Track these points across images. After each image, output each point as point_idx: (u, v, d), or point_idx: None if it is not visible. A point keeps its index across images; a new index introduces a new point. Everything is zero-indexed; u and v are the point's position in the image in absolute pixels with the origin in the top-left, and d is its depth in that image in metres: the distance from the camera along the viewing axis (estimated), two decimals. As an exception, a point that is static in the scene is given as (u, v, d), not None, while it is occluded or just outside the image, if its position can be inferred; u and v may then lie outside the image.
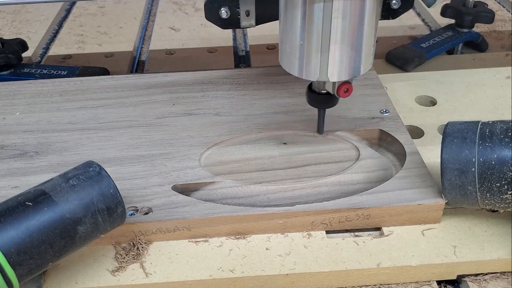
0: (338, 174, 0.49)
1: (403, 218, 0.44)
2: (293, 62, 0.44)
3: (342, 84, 0.45)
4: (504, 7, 0.90)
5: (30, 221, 0.36)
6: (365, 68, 0.44)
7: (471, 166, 0.40)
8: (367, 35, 0.43)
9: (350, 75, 0.44)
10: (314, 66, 0.43)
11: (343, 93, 0.45)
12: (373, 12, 0.42)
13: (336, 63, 0.43)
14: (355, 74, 0.44)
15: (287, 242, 0.44)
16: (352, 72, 0.44)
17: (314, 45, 0.42)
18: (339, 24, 0.41)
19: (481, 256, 0.42)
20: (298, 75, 0.44)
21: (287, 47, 0.44)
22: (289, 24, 0.43)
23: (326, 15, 0.41)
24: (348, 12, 0.41)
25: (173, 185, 0.47)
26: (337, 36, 0.41)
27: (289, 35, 0.43)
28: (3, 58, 0.68)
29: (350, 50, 0.42)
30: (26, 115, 0.58)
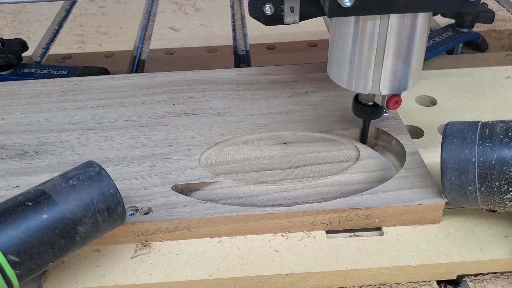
0: (338, 174, 0.49)
1: (403, 218, 0.44)
2: (343, 74, 0.45)
3: (392, 96, 0.46)
4: (504, 7, 0.90)
5: (30, 221, 0.36)
6: (414, 82, 0.46)
7: (471, 166, 0.40)
8: (418, 50, 0.44)
9: (401, 89, 0.45)
10: (367, 79, 0.44)
11: (393, 105, 0.47)
12: (424, 28, 0.43)
13: (389, 77, 0.44)
14: (405, 88, 0.46)
15: (287, 242, 0.44)
16: (403, 85, 0.45)
17: (367, 60, 0.43)
18: (393, 40, 0.42)
19: (481, 256, 0.42)
20: (347, 87, 0.46)
21: (338, 59, 0.45)
22: (341, 38, 0.44)
23: (381, 31, 0.42)
24: (403, 28, 0.42)
25: (173, 185, 0.47)
26: (391, 51, 0.43)
27: (341, 48, 0.44)
28: (3, 58, 0.68)
29: (402, 64, 0.44)
30: (26, 115, 0.58)
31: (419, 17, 0.42)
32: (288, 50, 0.78)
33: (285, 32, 0.83)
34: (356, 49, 0.43)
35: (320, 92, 0.60)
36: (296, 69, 0.65)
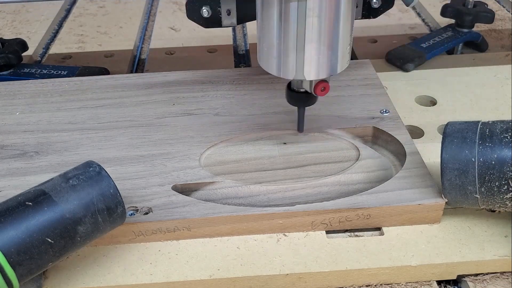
0: (338, 174, 0.49)
1: (403, 218, 0.44)
2: (270, 61, 0.44)
3: (319, 82, 0.45)
4: (504, 7, 0.90)
5: (30, 221, 0.36)
6: (341, 67, 0.45)
7: (471, 166, 0.40)
8: (343, 34, 0.43)
9: (326, 74, 0.44)
10: (291, 65, 0.43)
11: (320, 91, 0.46)
12: (348, 12, 0.42)
13: (312, 62, 0.43)
14: (331, 73, 0.44)
15: (287, 242, 0.44)
16: (329, 70, 0.44)
17: (290, 44, 0.42)
18: (314, 23, 0.41)
19: (481, 256, 0.42)
20: (276, 74, 0.45)
21: (264, 46, 0.44)
22: (266, 23, 0.43)
23: (300, 14, 0.41)
24: (323, 11, 0.41)
25: (173, 185, 0.47)
26: (313, 35, 0.42)
27: (266, 34, 0.44)
28: (3, 58, 0.68)
29: (325, 49, 0.43)
30: (26, 115, 0.58)
31: (335, 2, 0.41)
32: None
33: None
34: (281, 34, 0.42)
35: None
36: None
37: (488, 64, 0.69)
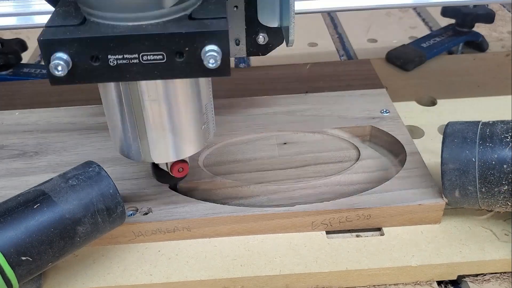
0: (339, 174, 0.49)
1: (403, 218, 0.44)
2: (117, 143, 0.41)
3: (175, 163, 0.42)
4: (504, 7, 0.90)
5: (30, 221, 0.36)
6: (194, 149, 0.41)
7: (471, 166, 0.40)
8: (189, 117, 0.39)
9: (176, 157, 0.41)
10: (137, 149, 0.40)
11: (177, 172, 0.43)
12: (193, 93, 0.39)
13: (157, 147, 0.40)
14: (181, 156, 0.41)
15: (287, 242, 0.44)
16: (178, 154, 0.41)
17: (132, 129, 0.39)
18: (151, 108, 0.38)
19: (481, 256, 0.42)
20: (126, 156, 0.42)
21: (110, 127, 0.41)
22: (106, 106, 0.40)
23: (135, 98, 0.38)
24: (159, 95, 0.37)
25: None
26: (152, 120, 0.38)
27: (109, 116, 0.40)
28: (2, 58, 0.68)
29: (170, 134, 0.39)
30: (25, 115, 0.57)
31: (172, 83, 0.37)
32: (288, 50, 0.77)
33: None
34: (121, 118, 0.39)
35: (320, 92, 0.60)
36: (296, 69, 0.65)
37: (488, 64, 0.69)
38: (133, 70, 0.34)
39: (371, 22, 0.86)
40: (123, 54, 0.34)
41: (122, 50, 0.33)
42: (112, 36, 0.33)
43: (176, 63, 0.34)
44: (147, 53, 0.34)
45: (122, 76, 0.35)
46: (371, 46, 0.79)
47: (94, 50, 0.33)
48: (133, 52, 0.34)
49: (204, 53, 0.33)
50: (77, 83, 0.35)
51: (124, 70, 0.34)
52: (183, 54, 0.34)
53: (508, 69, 0.66)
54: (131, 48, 0.33)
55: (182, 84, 0.38)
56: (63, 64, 0.33)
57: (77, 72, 0.34)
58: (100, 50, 0.34)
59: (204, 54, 0.33)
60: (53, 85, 0.35)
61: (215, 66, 0.34)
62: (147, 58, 0.34)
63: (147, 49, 0.34)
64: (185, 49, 0.34)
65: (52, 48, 0.34)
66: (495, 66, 0.68)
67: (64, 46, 0.33)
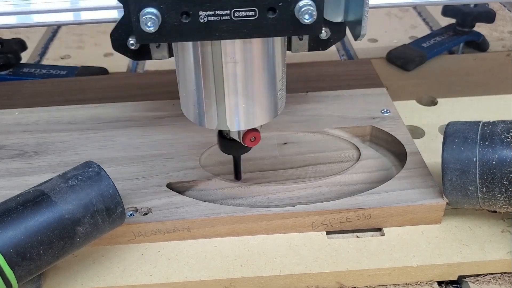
0: (339, 174, 0.49)
1: (404, 218, 0.44)
2: (191, 109, 0.40)
3: (248, 132, 0.41)
4: (505, 7, 0.90)
5: (29, 221, 0.36)
6: (270, 116, 0.41)
7: (472, 166, 0.40)
8: (267, 83, 0.39)
9: (251, 124, 0.40)
10: (212, 115, 0.39)
11: (250, 141, 0.42)
12: (273, 57, 0.38)
13: (235, 113, 0.39)
14: (257, 123, 0.40)
15: (288, 242, 0.44)
16: (254, 121, 0.40)
17: (209, 93, 0.38)
18: (232, 71, 0.37)
19: (482, 257, 0.42)
20: (198, 124, 0.41)
21: (184, 92, 0.40)
22: (183, 69, 0.39)
23: (216, 62, 0.37)
24: (241, 57, 0.37)
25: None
26: (231, 84, 0.38)
27: (184, 80, 0.39)
28: (2, 58, 0.68)
29: (247, 99, 0.38)
30: (25, 115, 0.57)
31: (256, 44, 0.36)
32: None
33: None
34: (199, 81, 0.38)
35: (320, 92, 0.59)
36: (296, 69, 0.65)
37: (489, 64, 0.68)
38: (223, 28, 0.34)
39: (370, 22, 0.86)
40: (214, 10, 0.33)
41: (214, 5, 0.33)
42: None
43: (268, 20, 0.33)
44: (239, 9, 0.33)
45: (212, 34, 0.34)
46: (371, 46, 0.79)
47: (185, 5, 0.33)
48: (225, 8, 0.33)
49: (298, 9, 0.33)
50: (165, 41, 0.34)
51: (214, 28, 0.34)
52: (275, 10, 0.33)
53: (508, 69, 0.66)
54: (223, 4, 0.33)
55: (264, 47, 0.37)
56: (154, 19, 0.32)
57: (167, 29, 0.33)
58: (191, 5, 0.33)
59: (299, 10, 0.33)
60: (140, 43, 0.34)
61: (310, 21, 0.33)
62: (239, 15, 0.33)
63: (239, 5, 0.33)
64: (278, 4, 0.33)
65: (142, 2, 0.32)
66: (495, 66, 0.68)
67: (155, 0, 0.32)
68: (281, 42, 0.39)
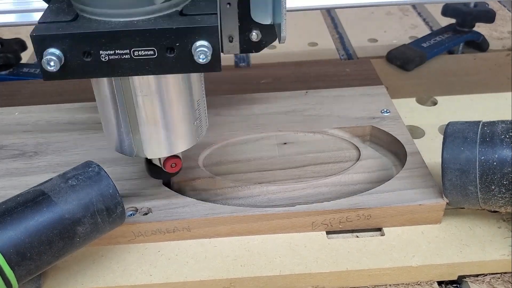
0: (339, 174, 0.49)
1: (404, 218, 0.44)
2: (111, 138, 0.41)
3: (168, 159, 0.42)
4: (505, 7, 0.90)
5: (29, 221, 0.36)
6: (187, 144, 0.42)
7: (472, 166, 0.40)
8: (181, 113, 0.40)
9: (168, 152, 0.41)
10: (129, 143, 0.40)
11: (170, 167, 0.43)
12: (186, 89, 0.39)
13: (151, 142, 0.40)
14: (174, 151, 0.41)
15: (287, 242, 0.44)
16: (171, 149, 0.41)
17: (124, 123, 0.39)
18: (144, 103, 0.38)
19: (481, 257, 0.42)
20: (120, 151, 0.42)
21: (103, 121, 0.41)
22: (100, 101, 0.40)
23: (127, 94, 0.38)
24: (151, 91, 0.38)
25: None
26: (145, 115, 0.39)
27: (102, 111, 0.40)
28: (2, 58, 0.68)
29: (162, 129, 0.39)
30: (25, 115, 0.57)
31: (165, 78, 0.37)
32: (288, 50, 0.78)
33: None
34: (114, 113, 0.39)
35: (320, 92, 0.59)
36: (296, 69, 0.65)
37: (489, 64, 0.69)
38: (125, 66, 0.35)
39: (370, 22, 0.86)
40: (114, 49, 0.34)
41: (113, 45, 0.34)
42: (103, 31, 0.34)
43: (167, 58, 0.35)
44: (138, 49, 0.34)
45: (114, 71, 0.35)
46: (371, 46, 0.79)
47: (86, 45, 0.34)
48: (125, 48, 0.34)
49: (194, 49, 0.34)
50: (69, 78, 0.35)
51: (116, 66, 0.35)
52: (174, 50, 0.34)
53: (508, 69, 0.66)
54: (123, 44, 0.34)
55: (174, 80, 0.38)
56: (55, 59, 0.34)
57: (70, 68, 0.35)
58: (92, 45, 0.34)
59: (195, 50, 0.34)
60: (46, 80, 0.35)
61: (205, 62, 0.34)
62: (139, 54, 0.34)
63: (138, 45, 0.34)
64: (176, 45, 0.34)
65: (44, 44, 0.34)
66: (495, 66, 0.68)
67: (57, 41, 0.34)
68: (196, 74, 0.40)
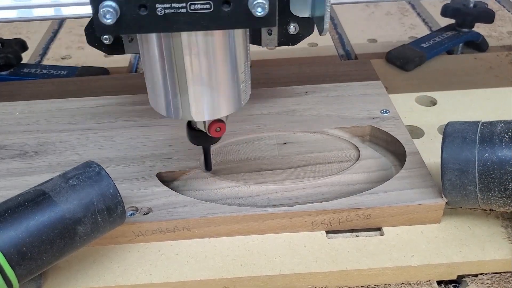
0: (338, 174, 0.49)
1: (403, 218, 0.44)
2: (157, 100, 0.41)
3: (213, 122, 0.42)
4: (504, 7, 0.90)
5: (30, 221, 0.36)
6: (232, 108, 0.41)
7: (471, 166, 0.40)
8: (229, 74, 0.39)
9: (215, 115, 0.41)
10: (177, 105, 0.40)
11: (215, 132, 0.43)
12: (234, 50, 0.39)
13: (198, 104, 0.40)
14: (220, 114, 0.41)
15: (287, 242, 0.44)
16: (218, 112, 0.41)
17: (173, 84, 0.39)
18: (193, 63, 0.38)
19: (481, 256, 0.42)
20: (165, 114, 0.41)
21: (150, 84, 0.41)
22: (147, 62, 0.40)
23: (177, 54, 0.38)
24: (199, 50, 0.37)
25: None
26: (193, 75, 0.38)
27: (149, 72, 0.40)
28: (2, 58, 0.68)
29: (210, 89, 0.39)
30: (25, 115, 0.57)
31: (215, 37, 0.37)
32: (288, 50, 0.78)
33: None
34: (164, 72, 0.39)
35: (320, 92, 0.60)
36: (296, 69, 0.65)
37: (488, 64, 0.69)
38: (180, 20, 0.35)
39: (370, 22, 0.86)
40: (171, 3, 0.34)
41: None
42: None
43: (223, 12, 0.34)
44: (194, 2, 0.34)
45: (169, 26, 0.35)
46: (371, 46, 0.79)
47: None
48: (181, 1, 0.34)
49: (251, 2, 0.34)
50: (124, 33, 0.35)
51: (172, 20, 0.34)
52: (229, 3, 0.34)
53: (508, 69, 0.67)
54: None
55: (224, 39, 0.38)
56: (112, 11, 0.33)
57: (125, 21, 0.34)
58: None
59: (252, 3, 0.34)
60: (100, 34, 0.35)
61: (263, 14, 0.34)
62: (195, 8, 0.34)
63: None
64: None
65: None
66: (495, 66, 0.68)
67: None
68: (242, 35, 0.39)
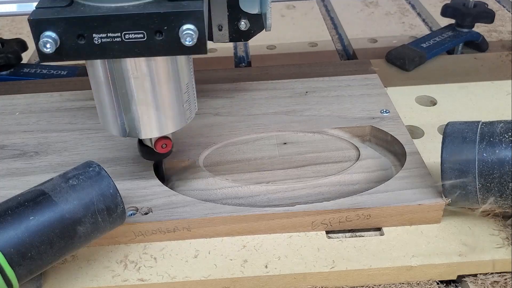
0: (338, 174, 0.49)
1: (403, 218, 0.44)
2: (105, 119, 0.43)
3: (159, 139, 0.44)
4: (504, 7, 0.90)
5: (30, 221, 0.36)
6: (177, 125, 0.43)
7: (471, 166, 0.40)
8: (171, 95, 0.41)
9: (160, 133, 0.43)
10: (122, 124, 0.42)
11: (161, 148, 0.44)
12: (174, 71, 0.41)
13: (143, 122, 0.42)
14: (166, 132, 0.43)
15: (287, 242, 0.44)
16: (163, 129, 0.43)
17: (117, 104, 0.41)
18: (136, 84, 0.40)
19: (481, 256, 0.42)
20: (114, 133, 0.43)
21: (97, 104, 0.43)
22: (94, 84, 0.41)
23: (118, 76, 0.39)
24: (143, 73, 0.39)
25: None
26: (136, 96, 0.40)
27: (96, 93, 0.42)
28: (2, 58, 0.68)
29: (154, 109, 0.41)
30: (25, 115, 0.57)
31: (155, 61, 0.39)
32: (288, 50, 0.78)
33: (286, 32, 0.83)
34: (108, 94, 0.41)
35: (320, 92, 0.60)
36: (296, 69, 0.65)
37: (488, 64, 0.69)
38: (116, 48, 0.37)
39: (370, 22, 0.86)
40: (106, 33, 0.36)
41: (105, 29, 0.36)
42: (96, 15, 0.36)
43: (155, 41, 0.37)
44: (128, 32, 0.36)
45: (106, 53, 0.37)
46: (371, 46, 0.79)
47: (80, 29, 0.36)
48: (116, 31, 0.36)
49: (181, 32, 0.36)
50: (64, 60, 0.37)
51: (108, 48, 0.37)
52: (162, 33, 0.36)
53: (508, 69, 0.67)
54: (114, 27, 0.36)
55: (163, 63, 0.40)
56: (51, 41, 0.36)
57: (65, 50, 0.37)
58: (85, 29, 0.36)
59: (182, 33, 0.36)
60: (43, 62, 0.38)
61: (191, 44, 0.36)
62: (129, 37, 0.37)
63: (128, 28, 0.36)
64: (164, 28, 0.36)
65: (41, 27, 0.36)
66: (495, 66, 0.68)
67: (53, 25, 0.36)
68: (185, 58, 0.42)
